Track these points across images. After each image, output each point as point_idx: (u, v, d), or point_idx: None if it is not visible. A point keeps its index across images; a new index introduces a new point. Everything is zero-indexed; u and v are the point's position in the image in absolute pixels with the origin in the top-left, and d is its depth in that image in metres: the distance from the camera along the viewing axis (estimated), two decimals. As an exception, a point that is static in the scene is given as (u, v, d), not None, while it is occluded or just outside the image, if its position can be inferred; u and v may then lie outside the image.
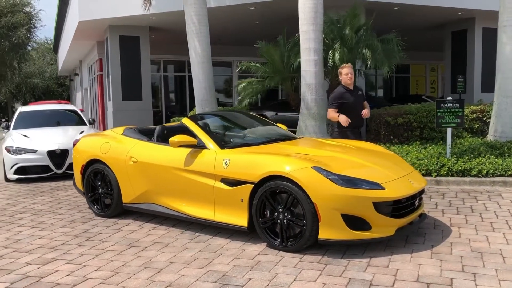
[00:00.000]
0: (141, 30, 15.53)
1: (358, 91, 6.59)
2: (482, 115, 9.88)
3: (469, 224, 5.35)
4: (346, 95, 6.37)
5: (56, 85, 47.55)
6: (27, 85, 43.81)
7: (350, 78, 6.37)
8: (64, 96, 46.59)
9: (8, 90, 42.43)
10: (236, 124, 6.40)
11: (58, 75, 42.36)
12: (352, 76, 6.42)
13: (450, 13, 14.63)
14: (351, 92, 6.42)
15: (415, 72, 25.59)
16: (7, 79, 35.09)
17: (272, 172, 4.54)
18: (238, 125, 6.38)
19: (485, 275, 3.88)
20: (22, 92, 44.00)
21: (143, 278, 4.03)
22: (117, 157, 5.87)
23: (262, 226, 4.68)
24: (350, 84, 6.43)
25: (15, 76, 37.64)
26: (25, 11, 30.84)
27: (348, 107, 6.35)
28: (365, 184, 4.39)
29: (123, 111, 15.47)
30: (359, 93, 6.55)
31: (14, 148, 8.86)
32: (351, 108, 6.35)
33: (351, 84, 6.43)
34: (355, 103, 6.40)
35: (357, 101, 6.43)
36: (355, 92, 6.49)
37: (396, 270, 4.03)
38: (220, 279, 3.94)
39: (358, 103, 6.44)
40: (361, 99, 6.54)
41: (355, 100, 6.40)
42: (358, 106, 6.45)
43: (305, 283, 3.81)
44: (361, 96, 6.57)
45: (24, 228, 5.78)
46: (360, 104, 6.48)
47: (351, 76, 6.38)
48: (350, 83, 6.41)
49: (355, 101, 6.40)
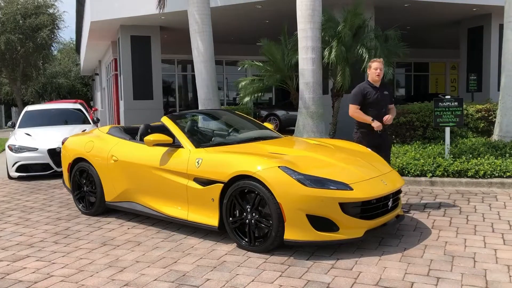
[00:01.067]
0: (152, 30, 15.67)
1: (385, 90, 5.80)
2: (487, 114, 9.57)
3: (452, 226, 5.19)
4: (369, 91, 5.68)
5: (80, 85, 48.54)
6: (52, 85, 44.86)
7: (378, 75, 5.66)
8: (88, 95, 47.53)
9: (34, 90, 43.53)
10: (219, 124, 6.36)
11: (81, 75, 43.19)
12: (381, 72, 5.69)
13: (464, 9, 14.26)
14: (376, 89, 5.70)
15: (435, 70, 25.07)
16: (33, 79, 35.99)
17: (240, 171, 4.49)
18: (221, 124, 6.34)
19: (448, 279, 3.75)
20: (48, 92, 45.07)
21: (104, 276, 4.04)
22: (99, 155, 5.92)
23: (232, 226, 4.64)
24: (377, 81, 5.71)
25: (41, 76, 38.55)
26: (49, 13, 31.57)
27: (369, 105, 5.67)
28: (332, 184, 4.30)
29: (134, 110, 15.64)
30: (385, 93, 5.77)
31: (16, 147, 9.05)
32: (372, 107, 5.67)
33: (378, 81, 5.71)
34: (378, 103, 5.67)
35: (380, 101, 5.69)
36: (381, 90, 5.74)
37: (358, 273, 3.92)
38: (178, 279, 3.92)
39: (381, 103, 5.71)
40: (386, 99, 5.79)
41: (378, 99, 5.68)
42: (381, 106, 5.71)
43: (262, 285, 3.75)
44: (387, 97, 5.80)
45: (9, 225, 5.88)
46: (384, 105, 5.75)
47: (379, 73, 5.66)
48: (377, 79, 5.69)
49: (378, 100, 5.67)
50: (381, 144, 5.76)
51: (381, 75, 5.70)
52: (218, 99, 10.92)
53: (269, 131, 6.14)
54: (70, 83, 47.28)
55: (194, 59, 10.79)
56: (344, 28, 8.87)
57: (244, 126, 6.26)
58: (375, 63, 5.72)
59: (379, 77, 5.69)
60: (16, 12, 29.29)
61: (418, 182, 7.28)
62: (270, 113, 17.07)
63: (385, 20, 13.77)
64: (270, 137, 5.84)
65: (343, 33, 8.78)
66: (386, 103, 5.80)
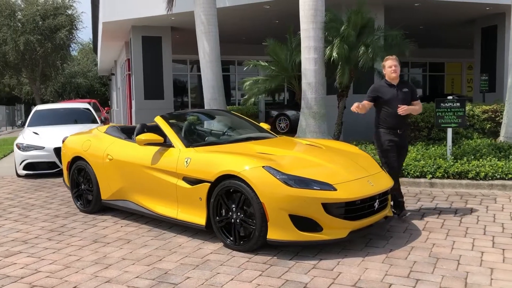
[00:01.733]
0: (163, 30, 15.82)
1: (404, 87, 5.47)
2: (494, 115, 9.41)
3: (443, 228, 5.13)
4: (385, 89, 5.41)
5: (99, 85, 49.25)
6: (71, 85, 45.62)
7: (394, 71, 5.37)
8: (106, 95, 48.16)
9: (53, 89, 44.34)
10: (213, 124, 6.40)
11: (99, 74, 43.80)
12: (397, 69, 5.40)
13: (476, 8, 14.04)
14: (393, 87, 5.40)
15: (451, 70, 24.73)
16: (51, 78, 36.67)
17: (225, 171, 4.52)
18: (216, 124, 6.38)
19: (428, 281, 3.72)
20: (67, 91, 45.85)
21: (88, 273, 4.11)
22: (96, 154, 6.02)
23: (218, 225, 4.67)
24: (394, 79, 5.41)
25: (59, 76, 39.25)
26: (67, 14, 32.12)
27: (385, 103, 5.39)
28: (316, 184, 4.30)
29: (145, 109, 15.80)
30: (404, 90, 5.44)
31: (23, 145, 9.24)
32: (388, 105, 5.36)
33: (395, 78, 5.40)
34: (395, 101, 5.33)
35: (398, 99, 5.35)
36: (400, 88, 5.42)
37: (338, 274, 3.92)
38: (160, 277, 3.97)
39: (399, 101, 5.34)
40: (406, 97, 5.43)
41: (396, 97, 5.35)
42: (400, 104, 5.33)
43: (240, 283, 3.78)
44: (407, 94, 5.44)
45: (9, 221, 6.01)
46: (404, 103, 5.36)
47: (395, 69, 5.37)
48: (394, 76, 5.39)
49: (395, 98, 5.35)
50: (399, 145, 5.49)
51: (398, 71, 5.43)
52: (223, 99, 10.97)
53: (263, 132, 6.15)
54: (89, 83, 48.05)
55: (200, 60, 10.87)
56: (347, 28, 8.83)
57: (239, 126, 6.30)
58: (389, 61, 5.47)
59: (396, 74, 5.41)
60: (35, 14, 29.92)
61: (417, 183, 7.21)
62: (280, 113, 17.05)
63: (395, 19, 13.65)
64: (263, 138, 5.85)
65: (346, 32, 8.73)
66: (406, 101, 5.42)
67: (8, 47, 29.21)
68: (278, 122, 17.11)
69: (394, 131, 5.43)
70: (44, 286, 3.86)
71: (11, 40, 28.97)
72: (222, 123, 6.38)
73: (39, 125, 10.29)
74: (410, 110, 5.43)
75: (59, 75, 38.29)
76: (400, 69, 5.53)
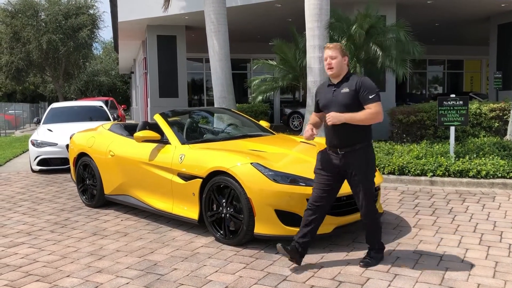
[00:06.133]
0: (178, 29, 16.06)
1: (345, 87, 3.84)
2: (502, 113, 9.33)
3: (435, 226, 5.18)
4: (323, 91, 4.04)
5: (121, 83, 50.02)
6: (94, 83, 46.48)
7: (329, 66, 3.89)
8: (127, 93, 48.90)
9: (76, 87, 45.24)
10: (212, 122, 6.56)
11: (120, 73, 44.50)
12: (335, 62, 3.85)
13: (491, 5, 13.87)
14: (331, 87, 3.95)
15: (470, 68, 24.38)
16: (74, 77, 37.45)
17: (216, 167, 4.68)
18: (214, 122, 6.53)
19: (406, 276, 3.80)
20: (90, 89, 46.74)
21: (82, 263, 4.32)
22: (99, 150, 6.25)
23: (209, 219, 4.83)
24: (332, 76, 3.93)
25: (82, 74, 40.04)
26: (89, 13, 32.74)
27: (324, 111, 3.99)
28: (302, 180, 4.42)
29: (160, 107, 16.03)
30: (344, 91, 3.83)
31: (38, 142, 9.57)
32: (325, 110, 3.97)
33: (333, 75, 3.90)
34: (332, 107, 3.86)
35: (335, 104, 3.85)
36: (339, 88, 3.88)
37: (320, 268, 4.03)
38: (148, 268, 4.14)
39: (335, 107, 3.84)
40: (346, 101, 3.81)
41: (331, 101, 3.89)
42: (335, 110, 3.81)
43: (223, 275, 3.92)
44: (348, 97, 3.81)
45: (17, 214, 6.29)
46: (340, 110, 3.79)
47: (330, 62, 3.86)
48: (330, 74, 3.91)
49: (331, 103, 3.88)
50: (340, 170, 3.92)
51: (336, 66, 3.86)
52: (233, 98, 11.13)
53: (261, 130, 6.28)
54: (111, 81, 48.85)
55: (210, 58, 11.05)
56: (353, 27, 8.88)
57: (238, 124, 6.43)
58: (325, 51, 3.95)
59: (333, 70, 3.88)
60: (58, 13, 30.59)
61: (418, 181, 7.23)
62: (293, 111, 17.15)
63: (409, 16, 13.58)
64: (260, 135, 5.99)
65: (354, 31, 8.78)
66: (346, 106, 3.80)
67: (31, 46, 29.96)
68: (292, 120, 17.20)
69: (334, 150, 3.93)
70: (39, 275, 4.07)
71: (35, 40, 29.70)
72: (221, 121, 6.53)
73: (54, 122, 10.61)
74: (340, 119, 3.74)
75: (81, 74, 39.07)
76: (346, 61, 3.96)
